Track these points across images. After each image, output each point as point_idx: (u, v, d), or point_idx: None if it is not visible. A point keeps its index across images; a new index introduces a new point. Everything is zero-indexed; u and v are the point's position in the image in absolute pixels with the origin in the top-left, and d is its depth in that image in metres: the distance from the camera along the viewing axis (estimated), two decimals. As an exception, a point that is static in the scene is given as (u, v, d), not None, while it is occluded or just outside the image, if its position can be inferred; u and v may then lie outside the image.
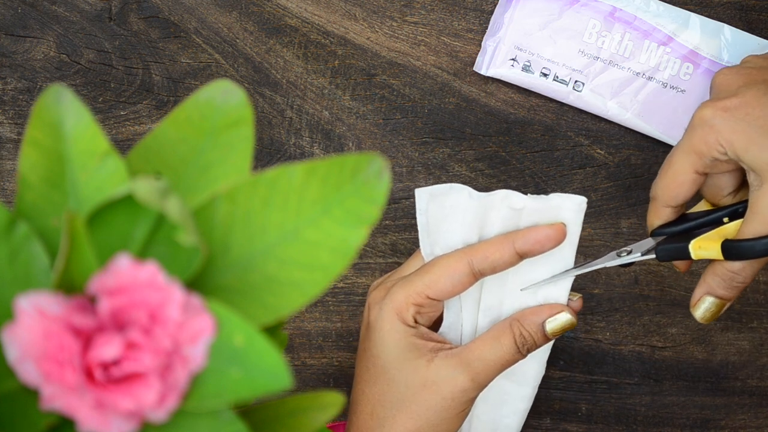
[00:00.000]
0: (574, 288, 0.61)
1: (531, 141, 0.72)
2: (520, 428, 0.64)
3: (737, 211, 0.59)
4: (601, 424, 0.72)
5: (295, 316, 0.72)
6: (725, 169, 0.59)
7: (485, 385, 0.59)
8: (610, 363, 0.72)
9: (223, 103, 0.40)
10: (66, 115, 0.39)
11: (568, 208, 0.57)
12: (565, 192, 0.71)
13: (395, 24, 0.72)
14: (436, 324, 0.62)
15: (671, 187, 0.59)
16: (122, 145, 0.72)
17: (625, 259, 0.61)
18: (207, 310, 0.37)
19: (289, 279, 0.38)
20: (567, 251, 0.59)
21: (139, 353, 0.36)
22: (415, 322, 0.59)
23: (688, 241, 0.58)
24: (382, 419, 0.59)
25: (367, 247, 0.72)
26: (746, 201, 0.59)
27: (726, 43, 0.70)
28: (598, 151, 0.72)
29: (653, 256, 0.60)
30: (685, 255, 0.58)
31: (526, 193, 0.58)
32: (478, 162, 0.72)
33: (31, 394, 0.37)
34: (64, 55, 0.72)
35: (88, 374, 0.36)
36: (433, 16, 0.72)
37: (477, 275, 0.58)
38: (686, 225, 0.60)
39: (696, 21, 0.70)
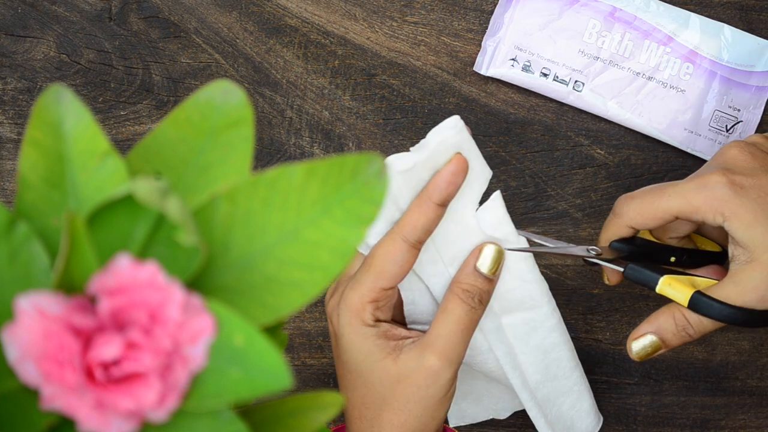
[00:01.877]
0: (574, 288, 0.61)
1: (531, 141, 0.72)
2: (568, 340, 0.64)
3: (683, 257, 0.63)
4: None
5: (295, 316, 0.72)
6: (697, 224, 0.61)
7: (458, 360, 0.59)
8: (610, 363, 0.72)
9: (223, 103, 0.40)
10: (66, 115, 0.39)
11: (451, 136, 0.57)
12: (566, 192, 0.71)
13: (395, 24, 0.72)
14: (399, 307, 0.62)
15: (646, 217, 0.60)
16: (122, 145, 0.72)
17: (593, 258, 0.62)
18: (207, 310, 0.37)
19: (289, 279, 0.38)
20: (477, 167, 0.59)
21: (139, 353, 0.36)
22: (377, 319, 0.59)
23: (659, 274, 0.60)
24: (369, 420, 0.59)
25: (367, 247, 0.72)
26: (692, 250, 0.63)
27: (726, 43, 0.70)
28: (598, 151, 0.72)
29: (620, 269, 0.61)
30: (650, 285, 0.60)
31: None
32: (478, 162, 0.72)
33: (31, 394, 0.37)
34: (64, 55, 0.72)
35: (88, 374, 0.36)
36: (433, 16, 0.72)
37: (416, 246, 0.58)
38: (635, 247, 0.62)
39: (696, 21, 0.70)
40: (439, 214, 0.57)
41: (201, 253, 0.37)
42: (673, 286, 0.59)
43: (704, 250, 0.64)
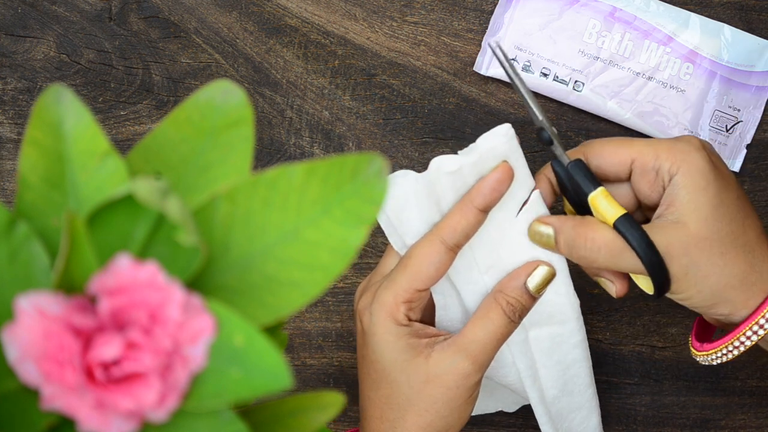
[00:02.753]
0: (573, 285, 0.61)
1: (531, 141, 0.72)
2: (589, 357, 0.64)
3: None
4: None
5: (295, 316, 0.72)
6: (640, 190, 0.59)
7: (486, 365, 0.59)
8: (610, 363, 0.72)
9: (223, 103, 0.40)
10: (66, 115, 0.39)
11: (501, 143, 0.57)
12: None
13: (395, 24, 0.72)
14: (428, 309, 0.62)
15: (607, 152, 0.59)
16: (122, 145, 0.72)
17: (550, 134, 0.59)
18: (207, 310, 0.37)
19: (289, 279, 0.38)
20: (522, 177, 0.59)
21: (139, 353, 0.36)
22: (409, 319, 0.59)
23: (600, 184, 0.58)
24: (392, 421, 0.59)
25: (367, 247, 0.72)
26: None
27: (726, 43, 0.70)
28: (598, 151, 0.72)
29: (566, 159, 0.59)
30: (587, 188, 0.58)
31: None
32: (478, 162, 0.72)
33: (31, 394, 0.37)
34: (64, 55, 0.72)
35: (89, 374, 0.36)
36: (433, 16, 0.72)
37: (454, 249, 0.58)
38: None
39: (696, 21, 0.70)
40: (480, 219, 0.58)
41: (201, 253, 0.37)
42: (609, 200, 0.57)
43: None
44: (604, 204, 0.57)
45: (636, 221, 0.57)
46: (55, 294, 0.36)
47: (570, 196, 0.60)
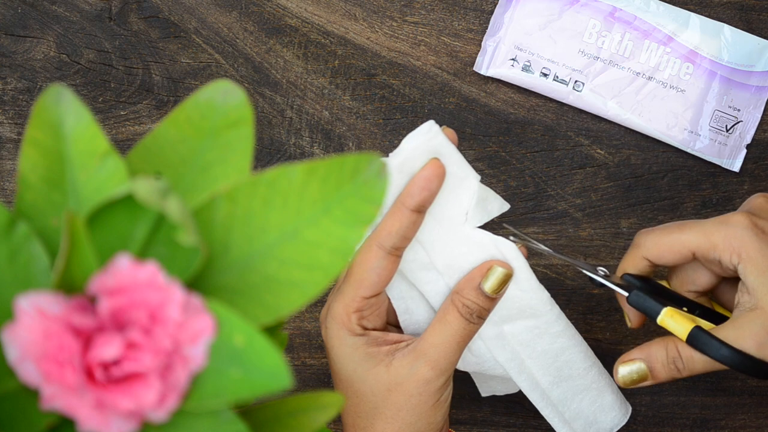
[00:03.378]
0: (574, 288, 0.61)
1: (531, 141, 0.72)
2: (580, 342, 0.63)
3: (695, 311, 0.61)
4: (601, 424, 0.72)
5: (295, 316, 0.72)
6: (714, 272, 0.61)
7: (450, 369, 0.58)
8: (610, 363, 0.72)
9: (223, 103, 0.40)
10: (66, 115, 0.39)
11: (426, 141, 0.56)
12: (566, 192, 0.71)
13: (395, 24, 0.72)
14: (392, 315, 0.62)
15: (663, 249, 0.60)
16: (122, 145, 0.72)
17: (599, 278, 0.62)
18: (207, 310, 0.37)
19: (289, 279, 0.38)
20: (460, 171, 0.58)
21: (139, 353, 0.36)
22: (364, 328, 0.58)
23: (662, 305, 0.59)
24: (363, 429, 0.59)
25: (367, 247, 0.72)
26: (704, 307, 0.62)
27: (726, 43, 0.70)
28: (598, 151, 0.72)
29: (624, 293, 0.61)
30: (652, 314, 0.60)
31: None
32: (478, 162, 0.72)
33: (31, 394, 0.37)
34: (64, 55, 0.72)
35: (88, 374, 0.36)
36: (433, 16, 0.72)
37: (394, 252, 0.57)
38: (649, 287, 0.62)
39: (696, 21, 0.70)
40: (415, 220, 0.56)
41: (201, 253, 0.37)
42: (675, 319, 0.59)
43: (716, 311, 0.63)
44: (673, 324, 0.59)
45: (706, 332, 0.58)
46: (55, 294, 0.36)
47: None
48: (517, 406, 0.72)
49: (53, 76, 0.72)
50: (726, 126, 0.71)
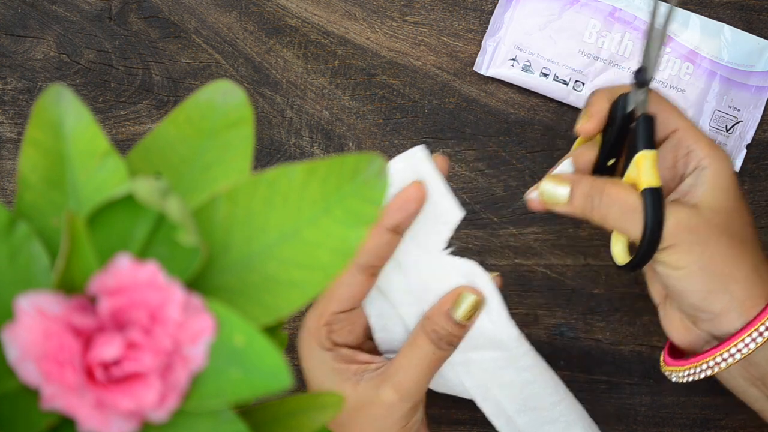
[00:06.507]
0: (574, 288, 0.61)
1: (531, 141, 0.72)
2: (552, 377, 0.62)
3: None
4: (601, 424, 0.72)
5: (295, 316, 0.72)
6: (673, 159, 0.60)
7: (417, 395, 0.57)
8: (610, 363, 0.72)
9: (223, 103, 0.40)
10: (66, 115, 0.39)
11: (412, 165, 0.56)
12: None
13: (395, 24, 0.72)
14: (369, 334, 0.61)
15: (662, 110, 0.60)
16: (122, 145, 0.72)
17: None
18: (207, 310, 0.37)
19: (289, 279, 0.38)
20: (444, 202, 0.57)
21: (139, 353, 0.36)
22: (334, 343, 0.58)
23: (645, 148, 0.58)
24: None
25: (367, 247, 0.72)
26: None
27: (726, 43, 0.70)
28: (598, 151, 0.72)
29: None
30: (640, 144, 0.57)
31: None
32: (478, 162, 0.72)
33: (31, 394, 0.37)
34: (64, 55, 0.72)
35: (89, 374, 0.36)
36: (433, 16, 0.72)
37: (368, 270, 0.57)
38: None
39: (696, 21, 0.70)
40: (391, 240, 0.56)
41: (201, 253, 0.37)
42: (654, 168, 0.57)
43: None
44: (649, 167, 0.57)
45: (660, 192, 0.57)
46: (55, 294, 0.36)
47: (608, 133, 0.59)
48: (517, 406, 0.72)
49: (53, 76, 0.72)
50: (726, 126, 0.71)
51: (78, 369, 0.36)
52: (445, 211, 0.58)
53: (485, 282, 0.59)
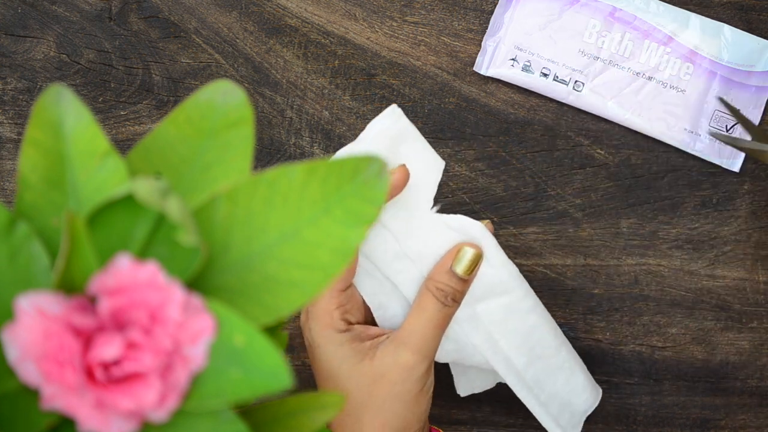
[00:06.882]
0: (574, 288, 0.61)
1: (531, 141, 0.72)
2: (549, 320, 0.64)
3: None
4: (601, 424, 0.72)
5: (295, 316, 0.72)
6: None
7: (431, 354, 0.60)
8: (610, 363, 0.72)
9: (223, 103, 0.40)
10: (66, 115, 0.39)
11: (390, 125, 0.58)
12: (566, 192, 0.71)
13: (395, 24, 0.72)
14: (369, 310, 0.63)
15: None
16: (122, 145, 0.72)
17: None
18: (207, 310, 0.37)
19: (288, 279, 0.38)
20: (426, 158, 0.59)
21: (139, 353, 0.36)
22: (348, 323, 0.60)
23: None
24: (350, 426, 0.60)
25: (367, 247, 0.72)
26: None
27: (726, 43, 0.70)
28: (598, 151, 0.72)
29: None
30: None
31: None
32: (478, 162, 0.72)
33: (31, 394, 0.37)
34: (64, 55, 0.72)
35: (89, 374, 0.36)
36: (433, 16, 0.72)
37: None
38: None
39: (696, 21, 0.70)
40: None
41: (201, 253, 0.37)
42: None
43: None
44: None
45: None
46: (55, 294, 0.36)
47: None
48: (517, 406, 0.72)
49: (53, 76, 0.72)
50: (726, 126, 0.71)
51: (78, 369, 0.36)
52: (427, 167, 0.59)
53: (479, 230, 0.61)
